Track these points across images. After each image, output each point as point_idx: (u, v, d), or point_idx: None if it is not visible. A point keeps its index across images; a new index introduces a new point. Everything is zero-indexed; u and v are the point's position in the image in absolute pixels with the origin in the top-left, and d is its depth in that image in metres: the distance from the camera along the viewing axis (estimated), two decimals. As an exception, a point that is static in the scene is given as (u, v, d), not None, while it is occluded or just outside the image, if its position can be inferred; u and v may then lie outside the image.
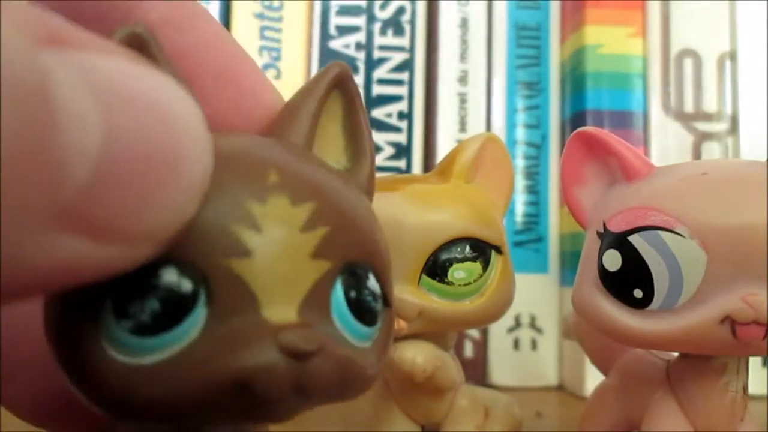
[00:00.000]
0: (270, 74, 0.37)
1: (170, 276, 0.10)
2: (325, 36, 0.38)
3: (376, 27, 0.38)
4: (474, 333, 0.37)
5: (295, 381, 0.10)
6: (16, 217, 0.07)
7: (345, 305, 0.12)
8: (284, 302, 0.11)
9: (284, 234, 0.11)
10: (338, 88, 0.14)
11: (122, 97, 0.08)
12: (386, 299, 0.13)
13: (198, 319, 0.10)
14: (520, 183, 0.37)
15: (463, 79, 0.38)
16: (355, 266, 0.12)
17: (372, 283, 0.12)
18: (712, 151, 0.36)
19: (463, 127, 0.38)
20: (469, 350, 0.37)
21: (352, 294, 0.12)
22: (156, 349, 0.10)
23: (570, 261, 0.36)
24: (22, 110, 0.07)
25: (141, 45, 0.11)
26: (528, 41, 0.39)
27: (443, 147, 0.37)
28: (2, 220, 0.07)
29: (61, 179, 0.08)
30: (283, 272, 0.11)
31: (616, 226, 0.17)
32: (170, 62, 0.12)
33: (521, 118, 0.38)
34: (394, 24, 0.38)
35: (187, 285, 0.10)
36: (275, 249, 0.11)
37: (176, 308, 0.10)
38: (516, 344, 0.37)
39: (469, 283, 0.20)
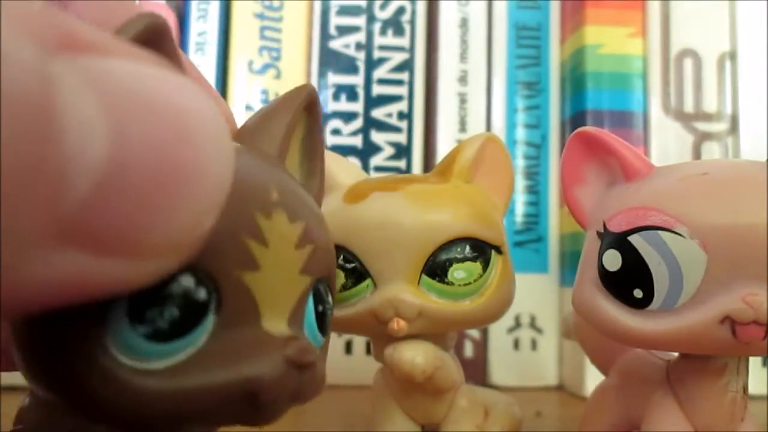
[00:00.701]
0: (270, 74, 0.37)
1: (188, 283, 0.10)
2: (325, 36, 0.38)
3: (376, 27, 0.38)
4: (474, 333, 0.37)
5: (294, 389, 0.11)
6: (14, 231, 0.07)
7: (313, 317, 0.13)
8: (278, 314, 0.11)
9: (284, 249, 0.11)
10: (306, 110, 0.15)
11: (135, 106, 0.08)
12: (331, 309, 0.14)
13: (208, 326, 0.10)
14: (520, 183, 0.37)
15: (463, 79, 0.38)
16: (321, 282, 0.13)
17: (329, 296, 0.13)
18: (712, 151, 0.36)
19: (463, 127, 0.38)
20: (469, 350, 0.37)
21: (320, 308, 0.13)
22: (168, 354, 0.10)
23: (570, 261, 0.36)
24: (21, 124, 0.07)
25: (158, 39, 0.10)
26: (528, 41, 0.39)
27: (443, 147, 0.37)
28: (1, 235, 0.07)
29: (63, 192, 0.07)
30: (281, 286, 0.11)
31: (616, 226, 0.17)
32: (182, 58, 0.12)
33: (521, 118, 0.38)
34: (394, 24, 0.38)
35: (202, 293, 0.10)
36: (278, 263, 0.11)
37: (192, 315, 0.10)
38: (516, 344, 0.37)
39: (469, 283, 0.20)
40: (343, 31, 0.38)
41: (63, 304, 0.09)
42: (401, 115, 0.38)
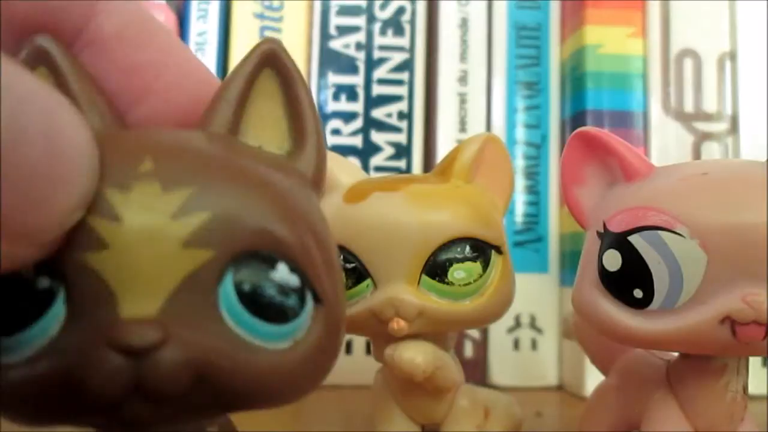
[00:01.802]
0: (270, 74, 0.37)
1: (26, 273, 0.10)
2: (325, 36, 0.38)
3: (376, 27, 0.38)
4: (474, 333, 0.37)
5: (133, 380, 0.09)
6: None
7: (237, 299, 0.10)
8: (146, 297, 0.10)
9: (148, 222, 0.10)
10: (270, 66, 0.13)
11: (3, 107, 0.08)
12: (317, 294, 0.11)
13: (56, 317, 0.10)
14: (520, 183, 0.37)
15: (463, 79, 0.38)
16: (253, 256, 0.11)
17: (281, 274, 0.11)
18: (712, 151, 0.36)
19: (463, 127, 0.38)
20: (469, 350, 0.37)
21: (246, 287, 0.10)
22: (16, 348, 0.10)
23: (570, 261, 0.36)
24: None
25: (46, 58, 0.11)
26: (528, 41, 0.39)
27: (443, 147, 0.37)
28: None
29: None
30: (146, 264, 0.10)
31: (616, 226, 0.17)
32: (81, 76, 0.12)
33: (521, 118, 0.38)
34: (394, 24, 0.38)
35: (43, 282, 0.10)
36: (136, 239, 0.10)
37: (32, 306, 0.10)
38: (516, 344, 0.37)
39: (469, 283, 0.20)
40: (343, 31, 0.38)
41: None
42: (401, 115, 0.38)
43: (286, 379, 0.11)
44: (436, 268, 0.20)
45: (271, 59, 0.13)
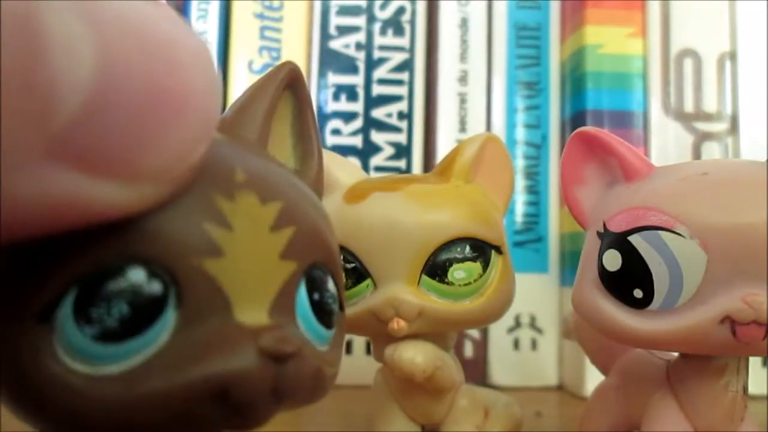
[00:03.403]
0: (270, 74, 0.37)
1: (138, 276, 0.09)
2: (325, 36, 0.38)
3: (376, 27, 0.38)
4: (474, 333, 0.37)
5: (273, 385, 0.10)
6: (5, 145, 0.07)
7: (309, 307, 0.11)
8: (256, 304, 0.10)
9: (255, 233, 0.10)
10: (289, 88, 0.14)
11: (121, 27, 0.08)
12: (341, 302, 0.13)
13: (168, 322, 0.09)
14: (520, 183, 0.37)
15: (463, 79, 0.38)
16: (316, 268, 0.12)
17: (331, 285, 0.12)
18: (712, 151, 0.36)
19: (463, 127, 0.38)
20: (469, 350, 0.37)
21: (315, 296, 0.11)
22: (123, 356, 0.09)
23: (570, 261, 0.36)
24: (7, 35, 0.07)
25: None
26: (528, 41, 0.39)
27: (443, 147, 0.37)
28: None
29: (52, 108, 0.07)
30: (254, 273, 0.10)
31: (616, 226, 0.17)
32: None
33: (521, 118, 0.38)
34: (394, 24, 0.38)
35: (156, 286, 0.09)
36: (247, 248, 0.10)
37: (145, 311, 0.09)
38: (516, 344, 0.37)
39: (469, 283, 0.20)
40: (343, 31, 0.38)
41: (58, 227, 0.09)
42: (401, 115, 0.38)
43: (327, 380, 0.12)
44: (436, 268, 0.20)
45: (292, 82, 0.14)
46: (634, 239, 0.16)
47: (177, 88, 0.09)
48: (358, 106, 0.38)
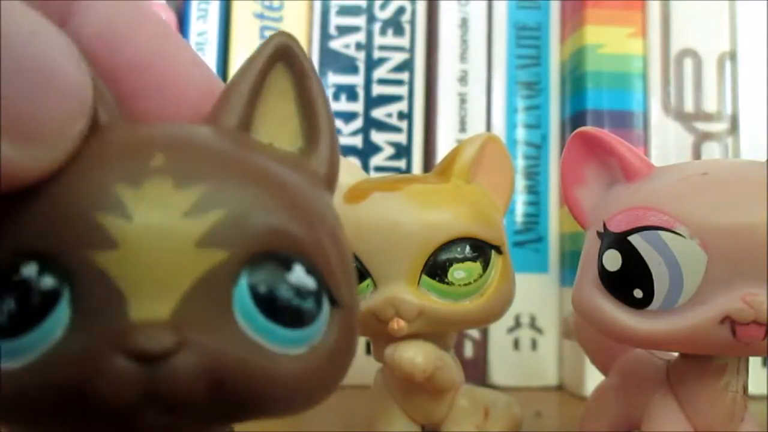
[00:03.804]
0: (270, 74, 0.37)
1: (30, 271, 0.09)
2: (325, 36, 0.38)
3: (376, 27, 0.38)
4: (474, 333, 0.37)
5: (146, 389, 0.09)
6: None
7: (252, 302, 0.10)
8: (158, 299, 0.09)
9: (161, 220, 0.09)
10: (283, 61, 0.12)
11: None
12: (333, 297, 0.11)
13: (61, 320, 0.09)
14: (520, 183, 0.37)
15: (463, 79, 0.38)
16: (270, 257, 0.10)
17: (297, 276, 0.10)
18: (712, 151, 0.36)
19: (463, 127, 0.38)
20: (469, 350, 0.37)
21: (262, 289, 0.10)
22: (15, 353, 0.09)
23: (570, 261, 0.36)
24: None
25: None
26: (528, 41, 0.39)
27: (443, 147, 0.37)
28: None
29: None
30: (158, 264, 0.09)
31: (616, 226, 0.17)
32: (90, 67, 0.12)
33: (521, 118, 0.38)
34: (394, 24, 0.38)
35: (48, 281, 0.09)
36: (148, 238, 0.09)
37: (35, 307, 0.09)
38: (516, 344, 0.37)
39: (469, 283, 0.20)
40: (343, 31, 0.38)
41: None
42: (401, 115, 0.38)
43: (303, 386, 0.10)
44: (436, 268, 0.20)
45: (284, 53, 0.12)
46: (634, 239, 0.16)
47: (49, 63, 0.09)
48: (358, 106, 0.38)
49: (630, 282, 0.16)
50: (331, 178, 0.13)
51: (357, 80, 0.38)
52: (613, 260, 0.17)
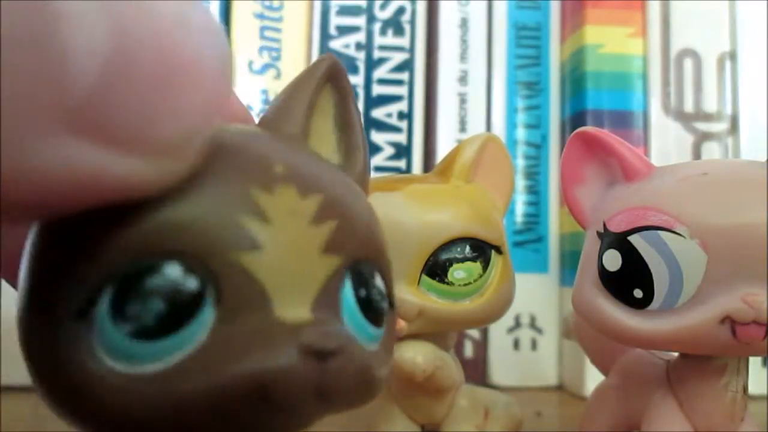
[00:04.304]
0: (270, 74, 0.37)
1: (174, 272, 0.09)
2: (325, 36, 0.38)
3: (376, 27, 0.38)
4: (474, 333, 0.37)
5: (317, 383, 0.09)
6: (20, 113, 0.07)
7: (355, 304, 0.11)
8: (297, 300, 0.10)
9: (295, 226, 0.10)
10: (330, 81, 0.13)
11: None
12: (390, 300, 0.12)
13: (206, 320, 0.09)
14: (520, 183, 0.37)
15: (463, 79, 0.38)
16: (362, 264, 0.11)
17: (379, 282, 0.11)
18: (712, 151, 0.36)
19: (463, 127, 0.38)
20: (469, 350, 0.37)
21: (362, 293, 0.11)
22: (160, 354, 0.09)
23: (570, 261, 0.36)
24: (17, 2, 0.07)
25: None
26: (528, 41, 0.39)
27: (443, 147, 0.37)
28: (3, 117, 0.07)
29: (67, 76, 0.07)
30: (295, 267, 0.10)
31: (616, 226, 0.17)
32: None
33: (521, 118, 0.38)
34: (394, 24, 0.38)
35: (193, 282, 0.09)
36: (286, 242, 0.10)
37: (182, 308, 0.09)
38: (516, 344, 0.37)
39: (469, 283, 0.20)
40: (343, 31, 0.38)
41: (75, 204, 0.08)
42: (401, 115, 0.38)
43: (377, 381, 0.11)
44: (436, 268, 0.20)
45: (333, 75, 0.13)
46: (634, 239, 0.16)
47: (189, 58, 0.09)
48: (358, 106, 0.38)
49: (630, 282, 0.16)
50: (365, 191, 0.14)
51: (357, 80, 0.38)
52: (613, 260, 0.17)
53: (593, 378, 0.29)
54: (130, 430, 0.09)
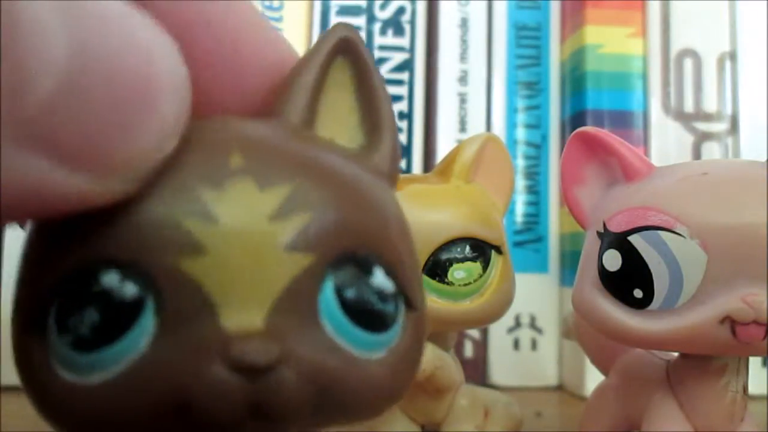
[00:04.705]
0: (270, 74, 0.37)
1: (111, 280, 0.09)
2: (325, 36, 0.38)
3: (376, 27, 0.38)
4: (474, 333, 0.37)
5: (251, 401, 0.08)
6: None
7: (338, 307, 0.10)
8: (249, 306, 0.09)
9: (247, 224, 0.09)
10: (344, 54, 0.12)
11: (92, 17, 0.08)
12: (408, 299, 0.11)
13: (146, 329, 0.09)
14: (520, 183, 0.37)
15: (463, 79, 0.38)
16: (352, 259, 0.10)
17: (379, 279, 0.10)
18: (712, 151, 0.36)
19: (463, 127, 0.38)
20: (469, 350, 0.37)
21: (348, 293, 0.10)
22: (101, 365, 0.09)
23: (570, 261, 0.36)
24: None
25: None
26: (528, 41, 0.39)
27: (443, 147, 0.37)
28: None
29: (23, 88, 0.07)
30: (248, 270, 0.09)
31: (616, 226, 0.17)
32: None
33: (521, 118, 0.38)
34: (394, 24, 0.38)
35: (131, 290, 0.09)
36: (235, 243, 0.09)
37: (118, 318, 0.09)
38: (516, 344, 0.37)
39: (469, 283, 0.20)
40: (343, 31, 0.38)
41: (19, 215, 0.08)
42: (401, 115, 0.38)
43: (382, 392, 0.10)
44: (436, 268, 0.20)
45: (345, 46, 0.12)
46: (634, 239, 0.16)
47: (148, 76, 0.08)
48: (358, 106, 0.38)
49: (630, 282, 0.16)
50: (394, 176, 0.12)
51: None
52: (613, 260, 0.17)
53: (593, 378, 0.29)
54: None
